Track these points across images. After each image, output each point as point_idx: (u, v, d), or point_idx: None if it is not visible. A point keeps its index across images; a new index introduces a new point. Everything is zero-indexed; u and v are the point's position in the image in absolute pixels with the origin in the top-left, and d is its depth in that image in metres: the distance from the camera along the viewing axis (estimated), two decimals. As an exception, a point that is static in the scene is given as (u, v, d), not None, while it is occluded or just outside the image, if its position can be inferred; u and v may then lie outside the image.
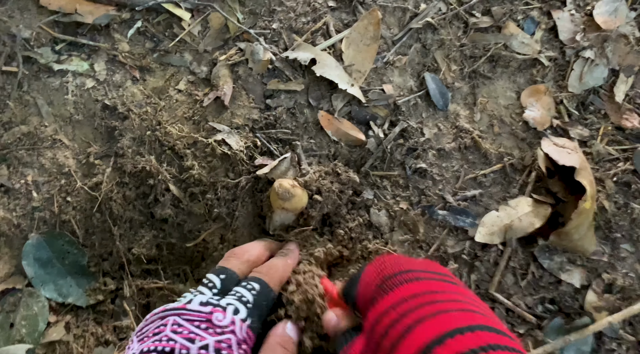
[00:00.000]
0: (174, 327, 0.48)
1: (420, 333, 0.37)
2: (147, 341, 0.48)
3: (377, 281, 0.44)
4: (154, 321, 0.50)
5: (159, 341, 0.47)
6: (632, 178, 0.69)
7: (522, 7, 0.75)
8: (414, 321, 0.38)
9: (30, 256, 0.62)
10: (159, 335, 0.47)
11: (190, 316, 0.49)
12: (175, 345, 0.46)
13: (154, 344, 0.47)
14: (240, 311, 0.51)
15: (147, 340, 0.48)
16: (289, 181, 0.62)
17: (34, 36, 0.66)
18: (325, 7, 0.72)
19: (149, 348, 0.46)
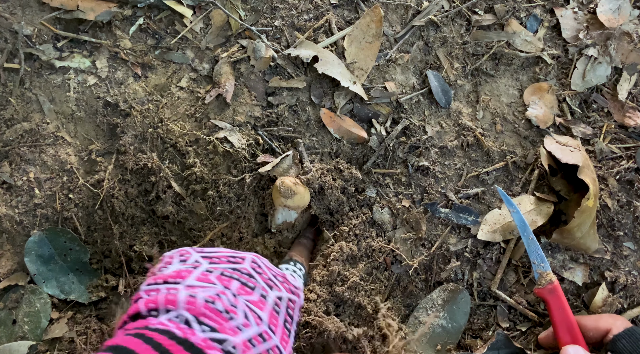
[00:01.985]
0: (254, 265, 0.47)
1: None
2: (221, 264, 0.46)
3: None
4: None
5: (239, 272, 0.46)
6: (634, 177, 0.69)
7: (525, 5, 0.75)
8: None
9: (32, 253, 0.62)
10: (236, 265, 0.46)
11: (267, 263, 0.49)
12: (257, 284, 0.46)
13: (234, 272, 0.46)
14: (302, 281, 0.54)
15: (220, 263, 0.46)
16: (291, 179, 0.62)
17: (35, 33, 0.66)
18: (327, 4, 0.71)
19: (231, 274, 0.45)
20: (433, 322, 0.63)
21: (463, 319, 0.63)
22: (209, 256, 0.47)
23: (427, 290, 0.65)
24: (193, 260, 0.46)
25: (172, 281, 0.43)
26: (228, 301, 0.42)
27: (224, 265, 0.45)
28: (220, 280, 0.43)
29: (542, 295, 0.55)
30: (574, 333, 0.51)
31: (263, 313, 0.43)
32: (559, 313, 0.53)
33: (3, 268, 0.62)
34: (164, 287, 0.43)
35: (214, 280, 0.43)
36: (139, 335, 0.37)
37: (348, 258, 0.63)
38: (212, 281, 0.43)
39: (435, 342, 0.62)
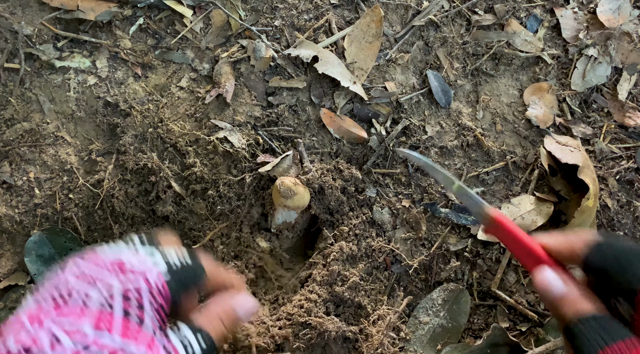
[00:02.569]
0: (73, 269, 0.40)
1: None
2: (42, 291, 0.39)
3: None
4: None
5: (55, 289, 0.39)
6: (634, 176, 0.69)
7: (525, 5, 0.75)
8: None
9: (32, 253, 0.62)
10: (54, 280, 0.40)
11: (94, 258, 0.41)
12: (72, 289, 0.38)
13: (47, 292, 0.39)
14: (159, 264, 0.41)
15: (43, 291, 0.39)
16: (291, 179, 0.62)
17: (36, 33, 0.66)
18: (327, 4, 0.71)
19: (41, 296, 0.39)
20: (433, 322, 0.63)
21: (463, 319, 0.63)
22: None
23: (427, 290, 0.65)
24: None
25: None
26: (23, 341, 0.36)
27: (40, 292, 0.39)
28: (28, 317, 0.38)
29: (492, 233, 0.45)
30: (537, 255, 0.41)
31: (83, 321, 0.37)
32: (512, 241, 0.43)
33: (3, 268, 0.62)
34: None
35: (23, 319, 0.38)
36: None
37: (348, 258, 0.63)
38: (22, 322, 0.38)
39: (435, 342, 0.62)
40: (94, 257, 0.40)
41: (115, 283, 0.39)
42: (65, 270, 0.40)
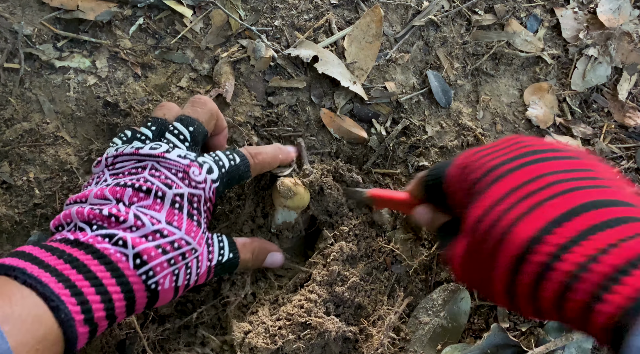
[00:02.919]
0: (152, 171, 0.50)
1: (529, 222, 0.33)
2: (123, 178, 0.49)
3: (465, 184, 0.40)
4: (129, 160, 0.51)
5: (137, 180, 0.49)
6: (635, 177, 0.69)
7: (525, 5, 0.75)
8: (526, 209, 0.34)
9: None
10: (136, 175, 0.49)
11: (168, 164, 0.50)
12: (152, 186, 0.48)
13: (131, 181, 0.49)
14: (213, 172, 0.52)
15: (122, 177, 0.50)
16: (292, 180, 0.62)
17: (35, 33, 0.66)
18: (327, 4, 0.71)
19: (126, 182, 0.48)
20: (433, 322, 0.63)
21: (463, 319, 0.63)
22: (115, 173, 0.51)
23: (427, 289, 0.65)
24: (103, 178, 0.51)
25: (79, 201, 0.49)
26: (116, 209, 0.46)
27: (124, 179, 0.49)
28: (112, 193, 0.48)
29: (379, 206, 0.63)
30: (408, 202, 0.55)
31: (159, 214, 0.47)
32: (391, 202, 0.59)
33: (3, 268, 0.62)
34: (73, 206, 0.49)
35: (107, 194, 0.48)
36: (41, 245, 0.43)
37: (348, 258, 0.63)
38: (105, 196, 0.48)
39: (435, 342, 0.62)
40: (167, 162, 0.50)
41: (184, 189, 0.49)
42: (145, 170, 0.50)
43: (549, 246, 0.31)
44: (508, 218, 0.34)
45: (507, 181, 0.37)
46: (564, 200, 0.33)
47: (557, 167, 0.36)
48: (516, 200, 0.35)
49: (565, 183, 0.34)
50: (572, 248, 0.30)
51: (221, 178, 0.53)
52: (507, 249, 0.33)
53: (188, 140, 0.54)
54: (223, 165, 0.54)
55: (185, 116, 0.56)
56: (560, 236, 0.31)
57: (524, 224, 0.33)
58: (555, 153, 0.38)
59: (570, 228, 0.31)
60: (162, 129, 0.55)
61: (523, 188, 0.35)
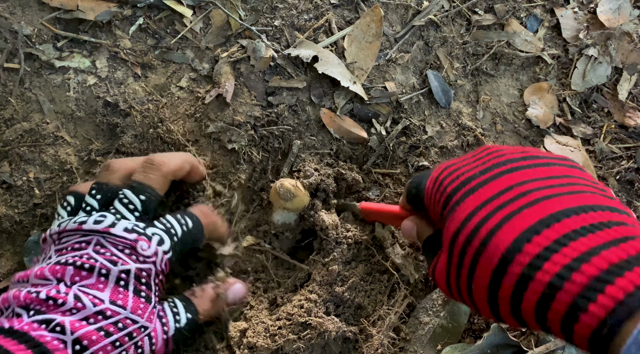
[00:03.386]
0: (97, 248, 0.47)
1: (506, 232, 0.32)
2: (65, 254, 0.47)
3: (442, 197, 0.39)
4: (73, 235, 0.49)
5: (79, 257, 0.46)
6: (635, 177, 0.69)
7: (525, 5, 0.75)
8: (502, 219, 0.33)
9: (32, 253, 0.62)
10: (79, 251, 0.47)
11: (114, 240, 0.48)
12: (95, 263, 0.46)
13: (73, 258, 0.46)
14: (164, 243, 0.50)
15: (65, 253, 0.48)
16: (291, 181, 0.62)
17: (35, 33, 0.66)
18: (327, 4, 0.71)
19: (67, 260, 0.46)
20: (433, 322, 0.63)
21: (463, 319, 0.63)
22: (59, 248, 0.48)
23: (427, 290, 0.65)
24: (49, 255, 0.49)
25: (22, 280, 0.47)
26: (55, 291, 0.44)
27: (67, 255, 0.47)
28: (52, 272, 0.45)
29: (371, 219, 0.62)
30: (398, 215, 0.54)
31: (103, 293, 0.45)
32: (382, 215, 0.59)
33: (3, 268, 0.62)
34: (13, 288, 0.47)
35: (47, 273, 0.45)
36: None
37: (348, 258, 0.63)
38: (45, 275, 0.45)
39: (435, 342, 0.62)
40: (112, 238, 0.48)
41: (131, 265, 0.47)
42: (89, 245, 0.47)
43: (527, 255, 0.30)
44: (485, 229, 0.33)
45: (481, 193, 0.36)
46: (542, 207, 0.32)
47: (532, 176, 0.35)
48: (492, 210, 0.34)
49: (542, 190, 0.34)
50: (551, 257, 0.29)
51: (173, 247, 0.50)
52: (486, 261, 0.32)
53: (138, 209, 0.51)
54: (175, 233, 0.51)
55: (137, 183, 0.52)
56: (538, 245, 0.30)
57: (501, 234, 0.32)
58: (530, 161, 0.37)
59: (550, 235, 0.30)
60: (109, 196, 0.52)
61: (498, 198, 0.35)
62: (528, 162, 0.37)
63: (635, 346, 0.24)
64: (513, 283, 0.31)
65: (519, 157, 0.38)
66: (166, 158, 0.56)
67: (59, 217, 0.53)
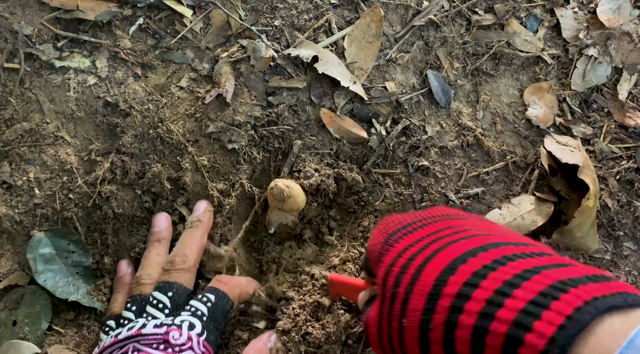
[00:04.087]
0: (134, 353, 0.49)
1: (431, 269, 0.32)
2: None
3: (381, 240, 0.40)
4: (113, 348, 0.51)
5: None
6: (635, 177, 0.69)
7: (525, 5, 0.75)
8: (422, 261, 0.33)
9: (35, 251, 0.62)
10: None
11: (147, 340, 0.49)
12: None
13: None
14: (195, 326, 0.51)
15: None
16: (285, 182, 0.61)
17: (35, 33, 0.66)
18: (327, 4, 0.71)
19: None
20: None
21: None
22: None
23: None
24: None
25: None
26: None
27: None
28: None
29: (336, 292, 0.56)
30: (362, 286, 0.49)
31: None
32: (347, 287, 0.53)
33: (3, 268, 0.62)
34: None
35: None
36: None
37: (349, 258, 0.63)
38: None
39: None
40: (145, 338, 0.49)
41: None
42: (128, 350, 0.49)
43: (448, 297, 0.30)
44: (421, 256, 0.34)
45: (419, 232, 0.38)
46: (474, 240, 0.33)
47: (465, 222, 0.38)
48: (428, 242, 0.35)
49: (472, 231, 0.35)
50: (487, 274, 0.29)
51: (206, 327, 0.52)
52: (420, 286, 0.32)
53: (168, 306, 0.53)
54: (202, 313, 0.52)
55: (162, 282, 0.55)
56: (474, 265, 0.30)
57: (438, 258, 0.32)
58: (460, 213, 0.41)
59: (480, 261, 0.30)
60: (143, 305, 0.55)
61: (435, 234, 0.36)
62: (434, 220, 0.40)
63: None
64: (441, 323, 0.30)
65: (438, 215, 0.41)
66: (185, 256, 0.58)
67: (100, 343, 0.55)
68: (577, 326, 0.24)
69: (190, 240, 0.60)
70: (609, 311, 0.24)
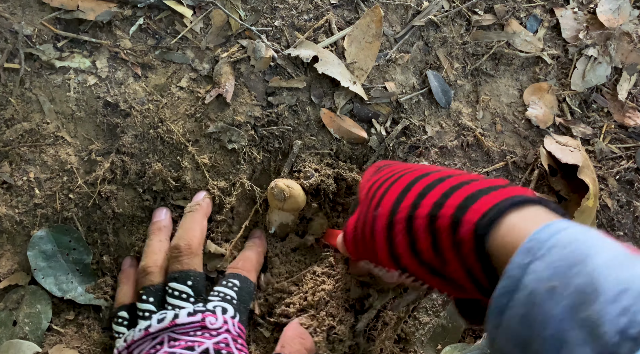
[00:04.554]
0: (171, 343, 0.49)
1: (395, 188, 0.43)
2: None
3: (371, 173, 0.52)
4: (143, 343, 0.51)
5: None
6: (634, 177, 0.69)
7: (525, 5, 0.75)
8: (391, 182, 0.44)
9: (36, 248, 0.62)
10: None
11: (183, 329, 0.50)
12: None
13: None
14: (228, 310, 0.52)
15: None
16: (285, 182, 0.61)
17: (35, 33, 0.66)
18: (327, 4, 0.71)
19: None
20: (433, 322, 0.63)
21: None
22: None
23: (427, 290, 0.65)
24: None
25: None
26: None
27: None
28: None
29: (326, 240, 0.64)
30: None
31: None
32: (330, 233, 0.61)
33: (3, 268, 0.62)
34: None
35: None
36: None
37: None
38: None
39: (435, 342, 0.62)
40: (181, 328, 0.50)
41: (207, 343, 0.49)
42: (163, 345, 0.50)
43: (405, 208, 0.39)
44: (388, 182, 0.45)
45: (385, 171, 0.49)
46: (407, 178, 0.43)
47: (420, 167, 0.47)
48: (390, 176, 0.46)
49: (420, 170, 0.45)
50: (421, 202, 0.39)
51: (237, 309, 0.53)
52: (379, 219, 0.41)
53: (191, 295, 0.54)
54: (231, 297, 0.54)
55: (177, 272, 0.55)
56: (409, 197, 0.40)
57: (385, 199, 0.42)
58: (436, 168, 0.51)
59: (415, 190, 0.40)
60: (159, 295, 0.55)
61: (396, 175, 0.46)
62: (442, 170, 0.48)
63: None
64: (403, 228, 0.40)
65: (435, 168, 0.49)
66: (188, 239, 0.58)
67: (119, 335, 0.55)
68: (491, 217, 0.34)
69: (192, 222, 0.60)
70: (509, 208, 0.34)
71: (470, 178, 0.40)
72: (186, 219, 0.61)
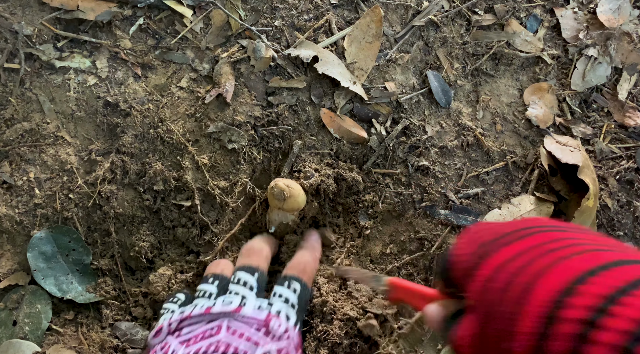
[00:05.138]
0: (229, 330, 0.49)
1: (542, 288, 0.28)
2: (196, 344, 0.48)
3: (472, 249, 0.36)
4: (198, 322, 0.50)
5: (217, 344, 0.47)
6: (634, 177, 0.69)
7: (525, 5, 0.75)
8: (531, 278, 0.29)
9: (35, 249, 0.62)
10: (211, 338, 0.48)
11: (246, 319, 0.50)
12: (237, 348, 0.47)
13: (208, 347, 0.47)
14: (290, 318, 0.53)
15: (194, 343, 0.48)
16: (285, 181, 0.61)
17: (35, 33, 0.66)
18: (327, 4, 0.71)
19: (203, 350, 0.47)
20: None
21: (463, 319, 0.63)
22: (186, 339, 0.48)
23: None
24: (171, 349, 0.48)
25: None
26: None
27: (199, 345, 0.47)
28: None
29: (395, 298, 0.50)
30: (433, 296, 0.44)
31: None
32: (413, 295, 0.47)
33: (3, 268, 0.62)
34: None
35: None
36: None
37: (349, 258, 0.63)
38: None
39: (435, 342, 0.62)
40: (244, 318, 0.50)
41: (271, 346, 0.48)
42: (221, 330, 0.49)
43: (587, 298, 0.25)
44: (528, 272, 0.29)
45: (520, 244, 0.33)
46: (592, 256, 0.29)
47: (573, 234, 0.33)
48: (534, 256, 0.30)
49: (585, 246, 0.31)
50: (620, 299, 0.24)
51: (298, 318, 0.54)
52: (531, 306, 0.27)
53: (254, 286, 0.55)
54: (293, 303, 0.54)
55: (246, 265, 0.57)
56: (599, 287, 0.26)
57: (551, 275, 0.28)
58: (563, 225, 0.35)
59: (606, 281, 0.26)
60: (225, 283, 0.56)
61: (541, 247, 0.31)
62: (535, 230, 0.35)
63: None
64: (571, 334, 0.25)
65: (550, 224, 0.36)
66: (261, 243, 0.61)
67: (167, 311, 0.55)
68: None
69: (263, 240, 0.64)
70: None
71: None
72: None
